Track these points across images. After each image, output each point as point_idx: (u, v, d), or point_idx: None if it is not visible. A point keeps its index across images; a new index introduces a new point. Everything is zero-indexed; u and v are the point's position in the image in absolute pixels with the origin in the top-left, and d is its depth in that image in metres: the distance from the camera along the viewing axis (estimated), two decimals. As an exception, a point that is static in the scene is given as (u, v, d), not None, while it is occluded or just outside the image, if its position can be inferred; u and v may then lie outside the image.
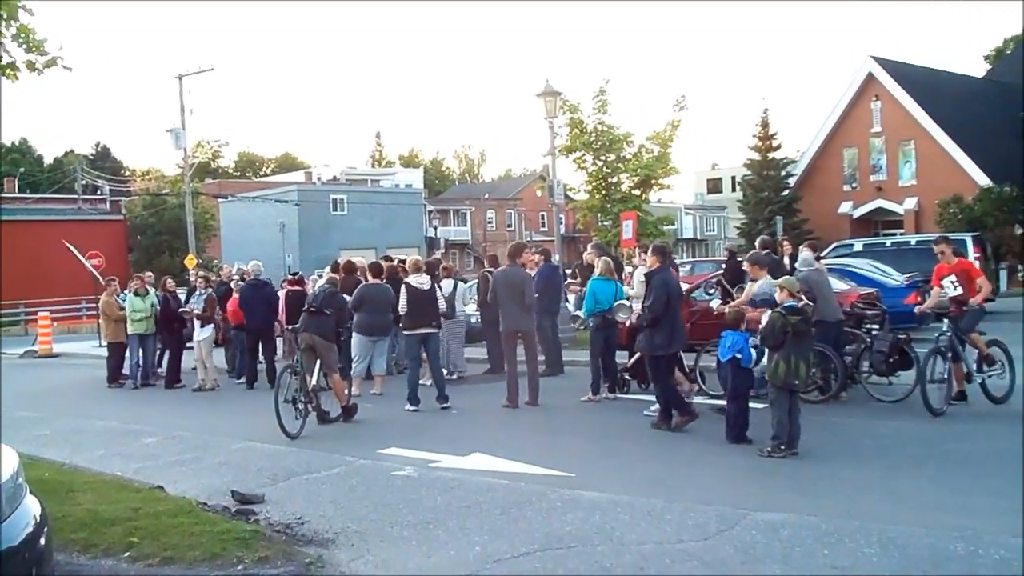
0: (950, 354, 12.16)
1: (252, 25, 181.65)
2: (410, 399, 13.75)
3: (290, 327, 14.46)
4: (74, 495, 8.49)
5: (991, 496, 8.09)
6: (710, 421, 11.47)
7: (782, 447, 9.76)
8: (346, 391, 13.51)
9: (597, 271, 14.19)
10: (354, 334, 15.44)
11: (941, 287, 12.77)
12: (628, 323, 13.07)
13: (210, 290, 18.31)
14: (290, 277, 17.91)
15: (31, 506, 5.25)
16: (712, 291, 16.53)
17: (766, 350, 10.46)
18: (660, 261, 12.01)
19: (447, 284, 17.03)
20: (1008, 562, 6.19)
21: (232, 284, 18.85)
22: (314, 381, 12.63)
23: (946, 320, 12.40)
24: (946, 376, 12.02)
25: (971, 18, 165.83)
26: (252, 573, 6.39)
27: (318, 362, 12.81)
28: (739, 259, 17.14)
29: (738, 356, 10.66)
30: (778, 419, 9.86)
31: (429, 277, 14.37)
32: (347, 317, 14.01)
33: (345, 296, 14.78)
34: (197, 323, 17.65)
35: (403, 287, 14.15)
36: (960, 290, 12.54)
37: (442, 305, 14.39)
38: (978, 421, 11.63)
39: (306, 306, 13.44)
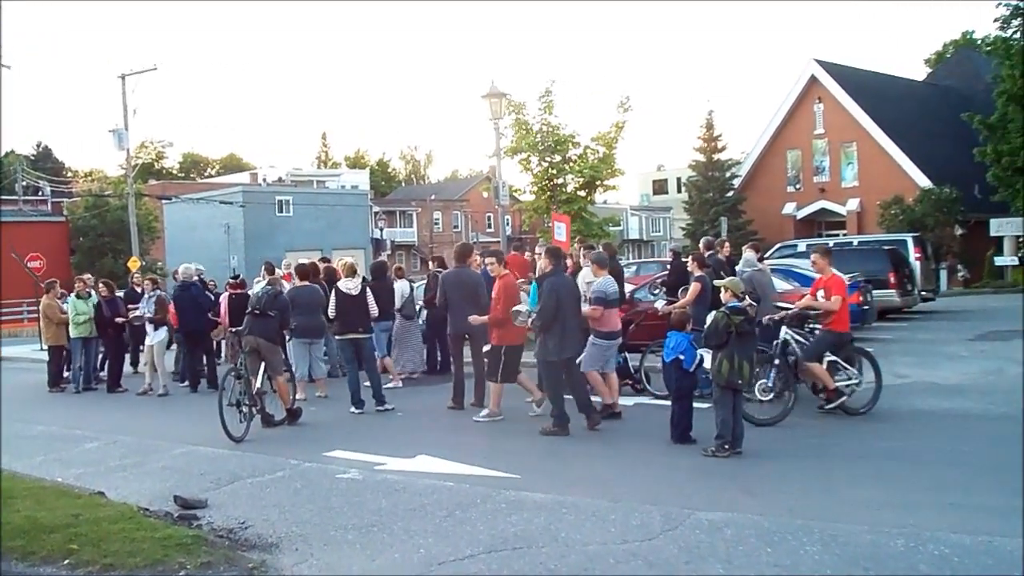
0: (777, 361, 12.05)
1: (197, 25, 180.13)
2: (353, 402, 13.70)
3: (233, 330, 14.33)
4: (12, 502, 8.33)
5: (930, 493, 8.21)
6: (655, 422, 11.52)
7: (726, 447, 9.83)
8: (291, 394, 13.39)
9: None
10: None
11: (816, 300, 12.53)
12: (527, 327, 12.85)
13: (159, 292, 18.11)
14: (232, 280, 17.75)
15: (-34, 514, 5.16)
16: (656, 292, 16.60)
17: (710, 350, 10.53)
18: (553, 264, 12.01)
19: (402, 285, 16.99)
20: (948, 558, 6.27)
21: None
22: (258, 384, 12.53)
23: (784, 328, 12.39)
24: (773, 387, 11.91)
25: (912, 22, 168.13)
26: (194, 579, 6.32)
27: (262, 365, 12.72)
28: (683, 260, 17.30)
29: (681, 357, 10.72)
30: (722, 419, 9.92)
31: (360, 281, 14.28)
32: (290, 319, 13.88)
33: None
34: (150, 326, 17.42)
35: (333, 292, 14.10)
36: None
37: (373, 310, 14.23)
38: (917, 419, 11.80)
39: (249, 308, 13.31)
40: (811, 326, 13.62)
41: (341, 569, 6.68)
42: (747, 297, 12.23)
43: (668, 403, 11.28)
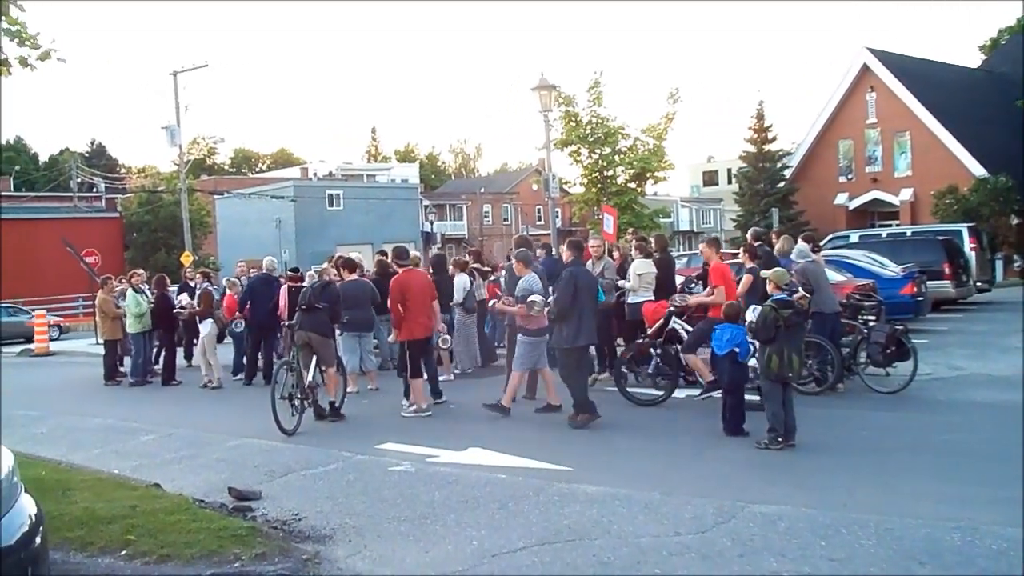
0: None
1: (247, 21, 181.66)
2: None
3: (286, 323, 14.41)
4: (71, 493, 8.47)
5: (987, 486, 8.09)
6: (707, 414, 11.44)
7: (779, 439, 9.76)
8: (341, 389, 13.42)
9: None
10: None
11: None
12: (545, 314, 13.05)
13: (207, 285, 18.26)
14: (290, 272, 17.85)
15: (27, 505, 5.23)
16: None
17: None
18: (573, 255, 12.18)
19: (463, 279, 16.90)
20: (1005, 552, 6.19)
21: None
22: (310, 378, 12.59)
23: (674, 318, 12.83)
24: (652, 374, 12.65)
25: (966, 9, 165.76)
26: (249, 570, 6.38)
27: (314, 358, 12.80)
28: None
29: (736, 350, 10.65)
30: (773, 412, 9.86)
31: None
32: (341, 311, 13.89)
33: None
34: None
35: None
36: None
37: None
38: (974, 412, 11.65)
39: (299, 303, 13.32)
40: (864, 317, 13.53)
41: (395, 561, 6.72)
42: (801, 289, 12.24)
43: (718, 395, 11.24)
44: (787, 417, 9.88)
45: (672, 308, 13.06)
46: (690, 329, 12.78)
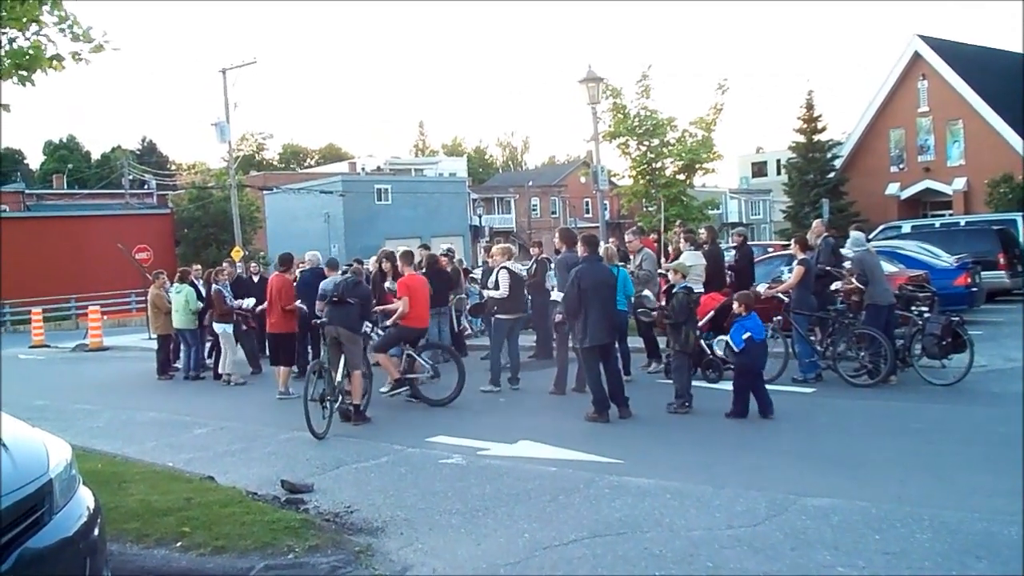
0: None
1: (294, 17, 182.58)
2: (492, 381, 14.14)
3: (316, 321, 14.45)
4: (126, 486, 8.57)
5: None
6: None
7: (686, 405, 11.63)
8: (365, 395, 12.81)
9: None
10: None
11: None
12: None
13: (216, 286, 18.24)
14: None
15: (84, 497, 5.30)
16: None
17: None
18: (586, 252, 12.14)
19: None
20: (1065, 546, 6.10)
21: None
22: (339, 377, 12.22)
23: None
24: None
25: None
26: (302, 562, 6.43)
27: (342, 359, 12.34)
28: (748, 244, 17.62)
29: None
30: (684, 382, 11.74)
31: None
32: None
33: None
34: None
35: (507, 272, 14.42)
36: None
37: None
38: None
39: (329, 296, 12.85)
40: (919, 309, 13.39)
41: (446, 553, 6.74)
42: (855, 280, 12.40)
43: (769, 387, 11.36)
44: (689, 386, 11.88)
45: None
46: (381, 333, 13.55)
